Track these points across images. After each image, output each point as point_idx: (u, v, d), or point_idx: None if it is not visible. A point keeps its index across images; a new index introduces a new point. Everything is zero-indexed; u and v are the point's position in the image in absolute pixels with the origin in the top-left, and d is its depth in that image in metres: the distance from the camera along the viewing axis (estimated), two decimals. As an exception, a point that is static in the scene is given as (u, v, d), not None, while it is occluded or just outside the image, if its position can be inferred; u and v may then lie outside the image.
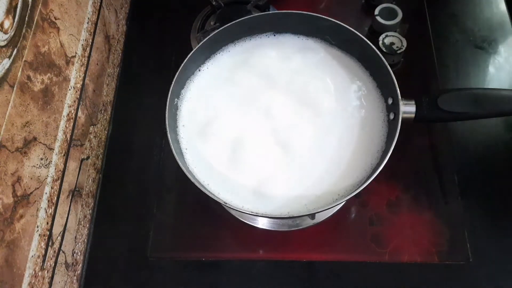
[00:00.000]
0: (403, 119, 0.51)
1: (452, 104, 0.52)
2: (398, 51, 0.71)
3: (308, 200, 0.51)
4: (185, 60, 0.57)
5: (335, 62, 0.60)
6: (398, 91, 0.52)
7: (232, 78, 0.60)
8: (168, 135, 0.52)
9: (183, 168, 0.49)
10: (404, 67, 0.73)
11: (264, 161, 0.54)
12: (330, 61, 0.60)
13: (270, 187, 0.52)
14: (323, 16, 0.58)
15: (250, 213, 0.49)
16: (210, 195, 0.49)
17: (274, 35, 0.62)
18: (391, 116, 0.54)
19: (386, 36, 0.72)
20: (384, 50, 0.71)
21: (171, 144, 0.51)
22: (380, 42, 0.71)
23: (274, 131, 0.56)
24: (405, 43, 0.71)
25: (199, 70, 0.61)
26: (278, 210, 0.50)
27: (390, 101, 0.54)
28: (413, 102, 0.52)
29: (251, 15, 0.60)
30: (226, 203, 0.49)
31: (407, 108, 0.52)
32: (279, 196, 0.52)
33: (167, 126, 0.52)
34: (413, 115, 0.52)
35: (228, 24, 0.59)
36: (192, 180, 0.49)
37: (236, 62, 0.61)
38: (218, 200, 0.49)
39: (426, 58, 0.73)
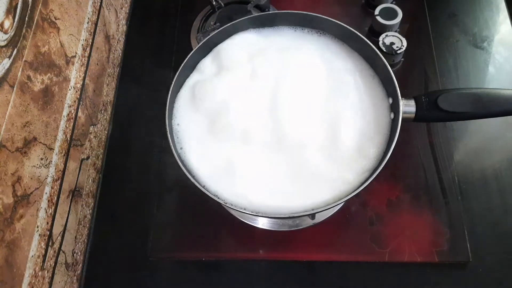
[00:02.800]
0: (403, 119, 0.51)
1: (452, 104, 0.52)
2: (398, 51, 0.71)
3: (308, 200, 0.51)
4: (185, 60, 0.57)
5: (335, 58, 0.60)
6: (398, 91, 0.52)
7: (232, 77, 0.60)
8: (168, 135, 0.52)
9: (183, 168, 0.50)
10: (404, 67, 0.73)
11: (266, 161, 0.54)
12: (330, 58, 0.60)
13: (271, 187, 0.52)
14: (323, 16, 0.58)
15: (251, 213, 0.49)
16: (210, 195, 0.49)
17: (273, 31, 0.62)
18: (391, 116, 0.54)
19: (386, 36, 0.72)
20: (384, 50, 0.71)
21: (171, 145, 0.51)
22: (380, 42, 0.71)
23: (277, 129, 0.55)
24: (405, 43, 0.71)
25: (201, 68, 0.60)
26: (279, 210, 0.50)
27: (390, 100, 0.55)
28: (413, 102, 0.52)
29: (251, 15, 0.60)
30: (226, 203, 0.49)
31: (407, 108, 0.52)
32: (280, 196, 0.51)
33: (167, 126, 0.52)
34: (413, 115, 0.52)
35: (228, 24, 0.59)
36: (192, 180, 0.49)
37: (236, 61, 0.61)
38: (218, 200, 0.49)
39: (426, 58, 0.73)
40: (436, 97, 0.52)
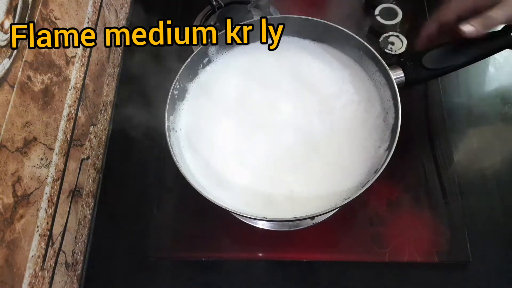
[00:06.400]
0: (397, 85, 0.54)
1: (436, 61, 0.55)
2: (398, 51, 0.70)
3: (310, 202, 0.51)
4: (187, 61, 0.57)
5: (334, 62, 0.60)
6: (384, 63, 0.54)
7: (232, 79, 0.60)
8: (168, 137, 0.52)
9: (182, 171, 0.50)
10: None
11: (266, 164, 0.54)
12: (328, 62, 0.60)
13: (272, 190, 0.52)
14: (319, 20, 0.58)
15: (251, 216, 0.49)
16: (210, 199, 0.49)
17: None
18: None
19: (386, 36, 0.72)
20: (384, 50, 0.71)
21: (170, 147, 0.51)
22: (380, 42, 0.71)
23: (275, 134, 0.56)
24: (405, 43, 0.71)
25: (200, 71, 0.61)
26: (282, 214, 0.50)
27: (382, 81, 0.56)
28: (400, 69, 0.55)
29: (252, 19, 0.60)
30: (227, 208, 0.49)
31: (396, 74, 0.55)
32: (282, 199, 0.52)
33: (166, 129, 0.52)
34: (403, 79, 0.55)
35: None
36: (191, 182, 0.49)
37: (237, 64, 0.61)
38: (218, 204, 0.48)
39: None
40: (420, 58, 0.55)
